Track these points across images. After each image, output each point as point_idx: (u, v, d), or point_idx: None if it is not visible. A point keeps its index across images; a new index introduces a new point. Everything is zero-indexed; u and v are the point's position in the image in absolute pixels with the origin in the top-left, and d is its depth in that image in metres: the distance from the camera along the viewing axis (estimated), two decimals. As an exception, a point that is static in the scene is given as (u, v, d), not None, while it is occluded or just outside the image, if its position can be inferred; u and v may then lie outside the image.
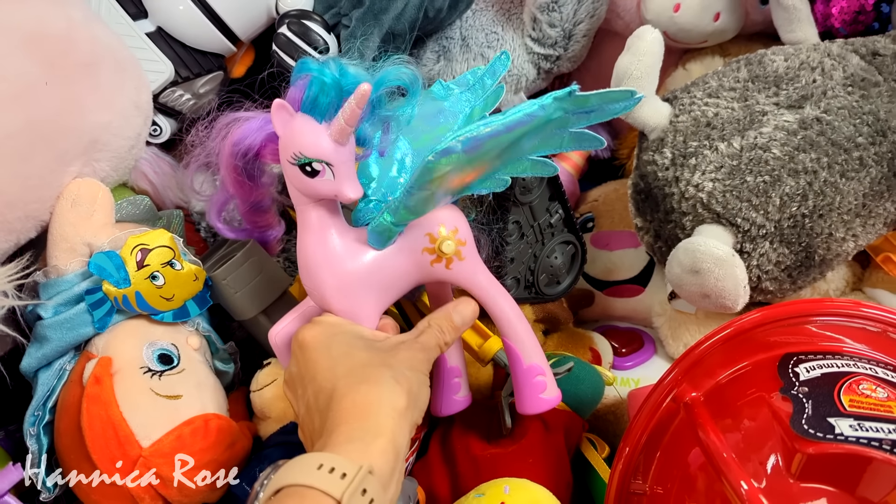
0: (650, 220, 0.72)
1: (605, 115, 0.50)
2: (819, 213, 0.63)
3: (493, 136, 0.48)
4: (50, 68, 0.59)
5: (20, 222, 0.60)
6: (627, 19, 0.85)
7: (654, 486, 0.54)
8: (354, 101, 0.46)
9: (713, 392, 0.52)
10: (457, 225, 0.55)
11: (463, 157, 0.48)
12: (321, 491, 0.41)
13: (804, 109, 0.65)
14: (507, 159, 0.51)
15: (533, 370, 0.58)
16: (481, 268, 0.57)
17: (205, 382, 0.63)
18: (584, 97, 0.48)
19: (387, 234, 0.53)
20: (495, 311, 0.57)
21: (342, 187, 0.49)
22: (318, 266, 0.53)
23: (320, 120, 0.49)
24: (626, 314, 0.85)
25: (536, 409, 0.58)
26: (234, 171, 0.55)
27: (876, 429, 0.43)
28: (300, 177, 0.50)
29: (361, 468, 0.42)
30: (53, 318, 0.60)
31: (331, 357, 0.50)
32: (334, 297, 0.53)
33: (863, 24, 0.75)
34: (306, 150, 0.49)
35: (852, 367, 0.49)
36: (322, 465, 0.42)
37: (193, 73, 0.76)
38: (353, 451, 0.44)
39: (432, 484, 0.65)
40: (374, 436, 0.45)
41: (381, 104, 0.52)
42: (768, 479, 0.46)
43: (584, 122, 0.50)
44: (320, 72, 0.48)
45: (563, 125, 0.50)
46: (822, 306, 0.54)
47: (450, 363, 0.62)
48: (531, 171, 0.53)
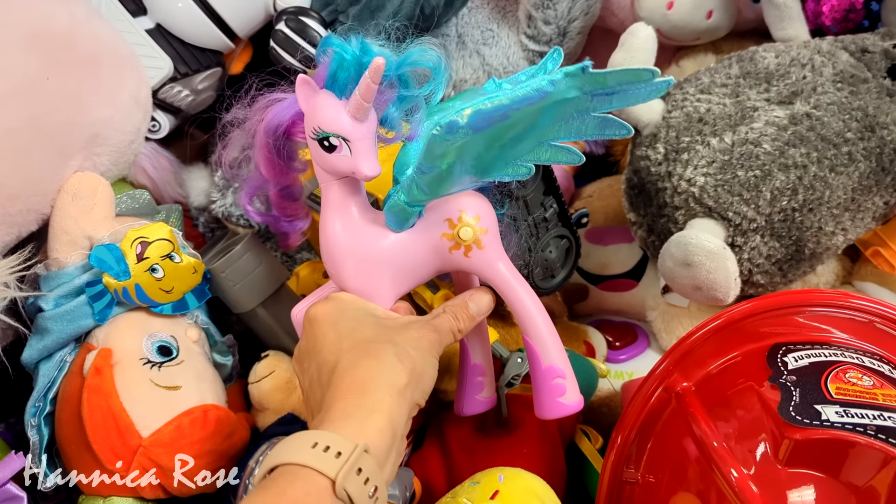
0: (643, 214, 0.73)
1: (628, 99, 0.49)
2: (809, 207, 0.64)
3: (499, 111, 0.47)
4: (52, 64, 0.60)
5: (22, 215, 0.60)
6: (621, 17, 0.86)
7: (647, 474, 0.54)
8: (369, 76, 0.46)
9: (704, 382, 0.53)
10: (479, 213, 0.54)
11: (469, 132, 0.47)
12: (315, 470, 0.41)
13: (794, 105, 0.66)
14: (526, 142, 0.50)
15: (552, 371, 0.55)
16: (503, 260, 0.55)
17: (203, 374, 0.64)
18: (599, 75, 0.47)
19: (402, 214, 0.52)
20: (516, 307, 0.55)
21: (359, 164, 0.50)
22: (335, 243, 0.53)
23: (340, 96, 0.49)
24: (619, 308, 0.86)
25: (554, 414, 0.56)
26: (266, 151, 0.55)
27: (861, 415, 0.44)
28: (320, 152, 0.50)
29: (357, 447, 0.42)
30: (54, 310, 0.61)
31: (338, 332, 0.49)
32: (349, 275, 0.53)
33: (853, 21, 0.76)
34: (324, 124, 0.49)
35: (840, 356, 0.50)
36: (317, 444, 0.42)
37: (192, 69, 0.76)
38: (348, 427, 0.43)
39: (428, 474, 0.66)
40: (371, 412, 0.44)
41: (407, 85, 0.51)
42: (757, 466, 0.47)
43: (606, 107, 0.49)
44: (342, 48, 0.48)
45: (583, 109, 0.49)
46: (811, 297, 0.56)
47: (473, 360, 0.60)
48: (555, 158, 0.52)
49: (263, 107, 0.54)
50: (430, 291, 0.68)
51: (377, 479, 0.42)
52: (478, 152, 0.50)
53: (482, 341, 0.61)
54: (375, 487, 0.42)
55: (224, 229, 0.83)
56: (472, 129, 0.47)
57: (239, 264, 0.66)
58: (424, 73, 0.52)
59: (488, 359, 0.61)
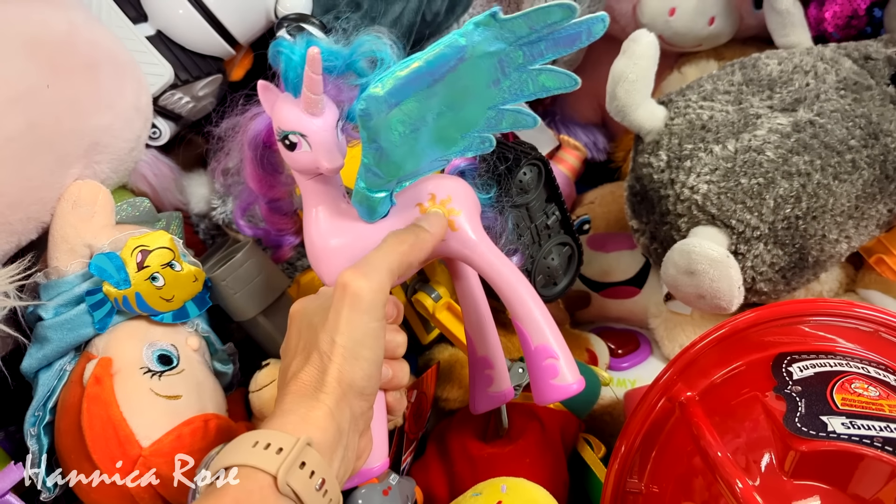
0: (646, 221, 0.73)
1: (559, 44, 0.46)
2: (812, 214, 0.64)
3: (416, 76, 0.44)
4: (51, 71, 0.60)
5: (21, 224, 0.60)
6: (623, 23, 0.86)
7: (650, 484, 0.54)
8: (309, 67, 0.47)
9: (708, 391, 0.53)
10: (451, 194, 0.53)
11: (393, 101, 0.45)
12: (256, 468, 0.41)
13: (797, 112, 0.66)
14: (471, 108, 0.49)
15: (542, 352, 0.52)
16: (483, 240, 0.54)
17: (204, 383, 0.63)
18: (510, 19, 0.44)
19: (367, 202, 0.51)
20: (501, 287, 0.53)
21: (319, 158, 0.50)
22: (312, 238, 0.53)
23: (295, 95, 0.50)
24: (622, 315, 0.86)
25: (548, 398, 0.52)
26: (252, 164, 0.56)
27: (868, 426, 0.44)
28: (286, 152, 0.51)
29: (298, 440, 0.42)
30: (54, 319, 0.60)
31: (299, 332, 0.50)
32: (328, 269, 0.53)
33: (855, 28, 0.76)
34: (283, 123, 0.50)
35: (845, 366, 0.50)
36: (257, 442, 0.42)
37: (193, 76, 0.76)
38: (289, 424, 0.43)
39: (430, 484, 0.66)
40: (309, 409, 0.44)
41: (363, 74, 0.51)
42: (762, 477, 0.46)
43: (540, 58, 0.47)
44: (290, 49, 0.49)
45: (516, 63, 0.47)
46: (816, 306, 0.55)
47: (479, 352, 0.58)
48: (511, 124, 0.51)
49: (246, 121, 0.55)
50: (430, 299, 0.67)
51: (323, 471, 0.42)
52: (419, 124, 0.47)
53: (483, 331, 0.59)
54: (323, 480, 0.42)
55: (225, 236, 0.82)
56: (393, 97, 0.45)
57: (240, 272, 0.66)
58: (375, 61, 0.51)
59: (496, 350, 0.59)
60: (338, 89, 0.51)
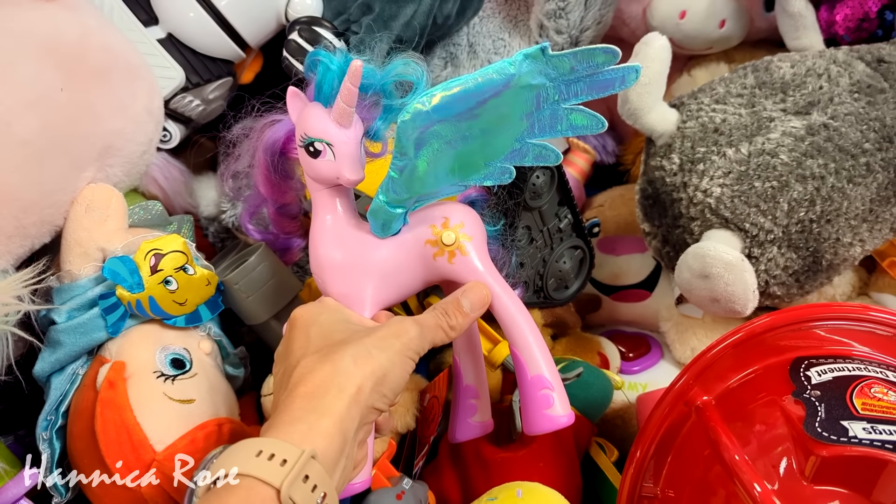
0: (658, 225, 0.72)
1: (595, 87, 0.48)
2: (826, 218, 0.64)
3: (463, 97, 0.46)
4: (65, 75, 0.60)
5: (35, 227, 0.60)
6: (633, 26, 0.86)
7: (666, 489, 0.54)
8: (349, 79, 0.48)
9: (724, 396, 0.53)
10: (464, 220, 0.54)
11: (433, 118, 0.47)
12: (259, 479, 0.40)
13: (811, 115, 0.66)
14: (501, 138, 0.50)
15: (538, 382, 0.53)
16: (490, 268, 0.55)
17: (217, 387, 0.63)
18: (559, 56, 0.47)
19: (384, 216, 0.52)
20: (502, 315, 0.55)
21: (342, 168, 0.51)
22: (318, 247, 0.54)
23: (326, 105, 0.51)
24: (632, 319, 0.85)
25: (540, 428, 0.53)
26: (265, 169, 0.57)
27: (890, 431, 0.43)
28: (307, 159, 0.52)
29: (303, 453, 0.41)
30: (67, 323, 0.60)
31: (308, 336, 0.49)
32: (332, 281, 0.54)
33: (866, 31, 0.76)
34: (310, 130, 0.51)
35: (863, 370, 0.50)
36: (261, 452, 0.41)
37: (203, 79, 0.76)
38: (295, 433, 0.42)
39: (442, 488, 0.66)
40: (319, 416, 0.43)
41: (391, 98, 0.52)
42: (781, 481, 0.46)
43: (574, 98, 0.49)
44: (328, 58, 0.50)
45: (551, 99, 0.49)
46: (831, 310, 0.55)
47: (465, 381, 0.59)
48: (533, 158, 0.52)
49: (262, 127, 0.57)
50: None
51: (325, 485, 0.42)
52: (452, 147, 0.50)
53: (475, 362, 0.60)
54: (324, 494, 0.42)
55: (234, 239, 0.82)
56: (437, 114, 0.47)
57: (252, 276, 0.66)
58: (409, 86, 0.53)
59: (482, 381, 0.60)
60: (364, 108, 0.52)
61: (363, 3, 0.76)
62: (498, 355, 0.66)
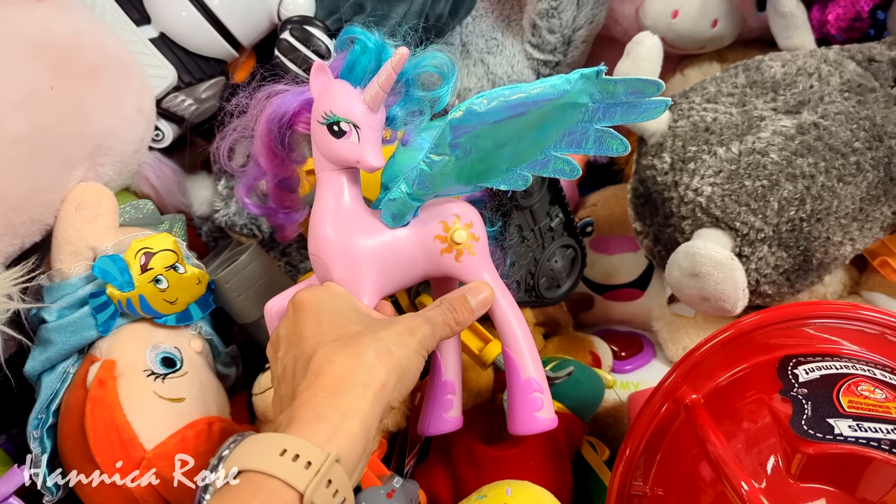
0: (649, 224, 0.72)
1: (631, 113, 0.49)
2: (817, 217, 0.64)
3: (518, 104, 0.47)
4: (56, 73, 0.60)
5: (25, 226, 0.60)
6: (626, 25, 0.86)
7: (655, 487, 0.54)
8: (391, 65, 0.48)
9: (713, 394, 0.53)
10: (472, 220, 0.55)
11: (485, 119, 0.47)
12: (283, 481, 0.38)
13: (802, 115, 0.66)
14: (527, 145, 0.50)
15: (530, 385, 0.55)
16: (490, 269, 0.56)
17: (207, 385, 0.63)
18: (611, 81, 0.48)
19: (402, 207, 0.52)
20: (499, 318, 0.56)
21: (365, 152, 0.50)
22: (326, 230, 0.52)
23: (356, 85, 0.50)
24: (625, 318, 0.85)
25: (530, 429, 0.55)
26: (268, 141, 0.55)
27: (875, 429, 0.43)
28: (327, 138, 0.51)
29: (329, 457, 0.39)
30: (57, 322, 0.60)
31: (319, 322, 0.47)
32: (337, 265, 0.52)
33: (858, 30, 0.76)
34: (337, 109, 0.50)
35: (851, 368, 0.50)
36: (286, 451, 0.39)
37: (196, 78, 0.76)
38: (321, 433, 0.41)
39: (433, 486, 0.66)
40: (345, 416, 0.42)
41: (415, 86, 0.53)
42: (768, 479, 0.46)
43: (609, 120, 0.50)
44: (366, 36, 0.50)
45: (587, 118, 0.50)
46: (821, 309, 0.55)
47: (445, 376, 0.59)
48: (553, 170, 0.53)
49: (265, 97, 0.55)
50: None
51: (346, 490, 0.41)
52: (486, 151, 0.50)
53: (455, 358, 0.60)
54: (344, 499, 0.41)
55: (227, 238, 0.82)
56: (490, 117, 0.47)
57: (244, 274, 0.66)
58: (431, 78, 0.53)
59: (459, 377, 0.60)
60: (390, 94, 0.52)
61: (355, 3, 0.76)
62: (489, 354, 0.66)
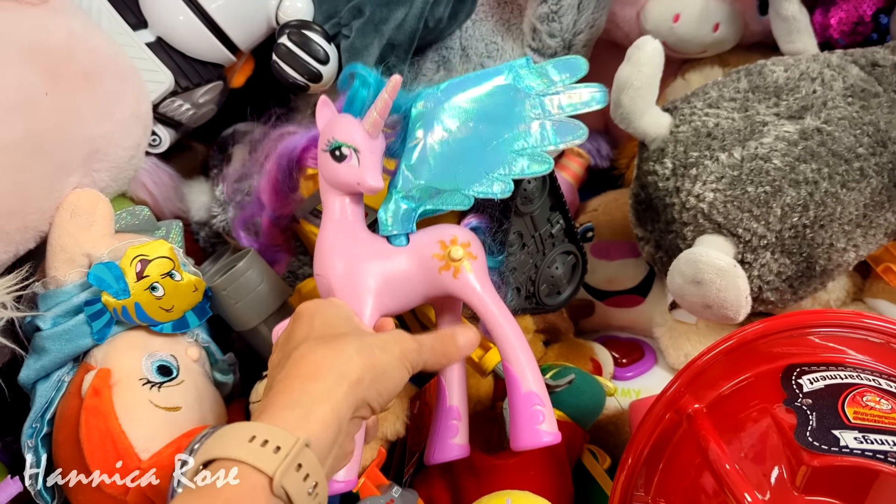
0: (651, 230, 0.72)
1: (573, 99, 0.57)
2: (820, 223, 0.63)
3: (464, 80, 0.56)
4: (50, 78, 0.59)
5: (19, 233, 0.59)
6: (627, 30, 0.85)
7: (657, 498, 0.53)
8: (387, 92, 0.53)
9: (716, 403, 0.52)
10: (470, 241, 0.58)
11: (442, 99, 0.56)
12: (251, 466, 0.39)
13: (805, 120, 0.65)
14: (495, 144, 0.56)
15: (531, 398, 0.55)
16: (489, 287, 0.57)
17: (204, 394, 0.63)
18: (541, 64, 0.57)
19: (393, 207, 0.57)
20: (498, 333, 0.57)
21: (365, 174, 0.54)
22: (331, 251, 0.56)
23: (356, 115, 0.55)
24: (626, 324, 0.85)
25: (533, 443, 0.55)
26: (276, 175, 0.61)
27: (881, 441, 0.43)
28: (330, 163, 0.55)
29: (297, 441, 0.40)
30: (52, 330, 0.60)
31: (311, 325, 0.49)
32: (339, 284, 0.55)
33: (861, 35, 0.75)
34: (339, 135, 0.54)
35: (856, 378, 0.49)
36: (254, 437, 0.40)
37: (193, 83, 0.76)
38: (291, 418, 0.42)
39: (433, 496, 0.65)
40: (317, 401, 0.43)
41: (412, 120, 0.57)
42: (772, 491, 0.45)
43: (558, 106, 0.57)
44: (366, 72, 0.55)
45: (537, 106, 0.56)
46: (825, 317, 0.54)
47: (449, 402, 0.60)
48: (529, 168, 0.56)
49: (277, 136, 0.61)
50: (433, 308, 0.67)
51: (317, 475, 0.41)
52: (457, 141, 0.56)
53: (460, 384, 0.60)
54: (316, 483, 0.41)
55: (225, 244, 0.82)
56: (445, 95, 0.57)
57: (241, 281, 0.66)
58: None
59: (465, 403, 0.60)
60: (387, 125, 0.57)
61: (354, 7, 0.75)
62: (489, 362, 0.66)
